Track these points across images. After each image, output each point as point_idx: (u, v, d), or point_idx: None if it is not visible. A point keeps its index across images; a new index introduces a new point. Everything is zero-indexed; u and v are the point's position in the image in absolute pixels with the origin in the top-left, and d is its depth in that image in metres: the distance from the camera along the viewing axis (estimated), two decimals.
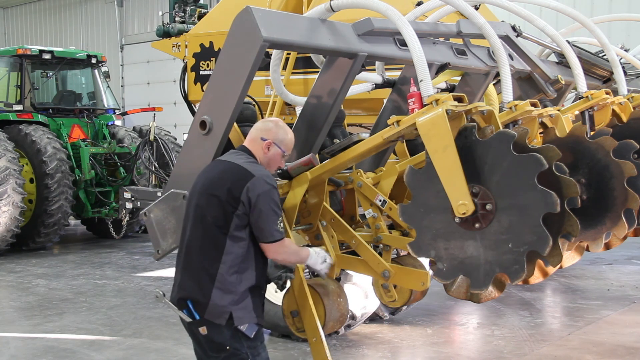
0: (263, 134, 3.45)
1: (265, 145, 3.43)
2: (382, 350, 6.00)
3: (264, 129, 3.47)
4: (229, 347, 3.31)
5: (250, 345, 3.33)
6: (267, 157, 3.45)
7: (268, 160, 3.46)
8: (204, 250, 3.30)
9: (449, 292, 3.69)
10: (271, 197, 3.26)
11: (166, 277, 9.21)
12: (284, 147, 3.47)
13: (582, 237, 4.06)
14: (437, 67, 4.33)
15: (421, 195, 3.26)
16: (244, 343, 3.31)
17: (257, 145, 3.45)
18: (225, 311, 3.25)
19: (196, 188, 3.39)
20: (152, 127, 10.77)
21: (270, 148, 3.44)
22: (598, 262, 9.84)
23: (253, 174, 3.26)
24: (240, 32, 3.41)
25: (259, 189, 3.23)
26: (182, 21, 10.72)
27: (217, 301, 3.25)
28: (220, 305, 3.25)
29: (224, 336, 3.30)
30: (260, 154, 3.44)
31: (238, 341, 3.31)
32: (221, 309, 3.25)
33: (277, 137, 3.45)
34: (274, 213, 3.26)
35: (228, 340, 3.31)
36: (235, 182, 3.25)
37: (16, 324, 7.08)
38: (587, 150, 4.08)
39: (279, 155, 3.47)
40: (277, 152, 3.46)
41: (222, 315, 3.26)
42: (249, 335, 3.30)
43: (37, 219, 10.92)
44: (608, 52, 5.59)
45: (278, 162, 3.50)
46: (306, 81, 7.99)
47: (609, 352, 5.92)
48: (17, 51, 11.91)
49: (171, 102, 18.16)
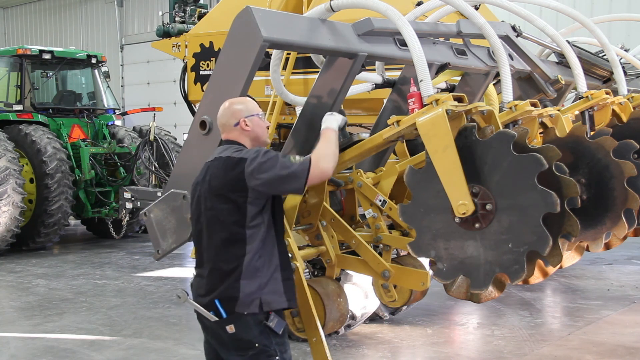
0: (230, 119, 3.34)
1: (241, 126, 3.33)
2: (382, 350, 6.00)
3: (227, 114, 3.35)
4: (258, 344, 3.24)
5: (279, 342, 3.28)
6: (252, 132, 3.35)
7: (255, 134, 3.35)
8: (226, 250, 3.24)
9: (449, 292, 3.69)
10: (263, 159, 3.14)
11: (166, 277, 9.21)
12: (255, 110, 3.37)
13: (582, 237, 4.06)
14: (437, 67, 4.33)
15: (421, 195, 3.26)
16: (273, 340, 3.25)
17: (236, 133, 3.35)
18: (255, 298, 3.19)
19: (199, 193, 3.32)
20: (152, 127, 10.77)
21: (247, 123, 3.33)
22: (598, 262, 9.84)
23: (244, 157, 3.19)
24: (240, 32, 3.41)
25: (253, 164, 3.15)
26: (182, 21, 10.73)
27: (246, 291, 3.19)
28: (249, 293, 3.19)
29: (252, 333, 3.23)
30: (244, 136, 3.34)
31: (267, 338, 3.24)
32: (251, 297, 3.19)
33: (241, 112, 3.34)
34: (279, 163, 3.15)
35: (257, 337, 3.23)
36: (234, 174, 3.19)
37: (16, 324, 7.08)
38: (587, 150, 4.08)
39: (257, 120, 3.36)
40: (254, 120, 3.34)
41: (252, 303, 3.19)
42: (278, 332, 3.26)
43: (37, 219, 10.92)
44: (608, 52, 5.59)
45: (263, 127, 3.39)
46: (306, 81, 7.99)
47: (609, 352, 5.92)
48: (17, 51, 11.92)
49: (171, 102, 18.17)
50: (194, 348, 6.07)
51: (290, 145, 4.28)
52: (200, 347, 6.20)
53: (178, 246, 3.87)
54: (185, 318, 6.98)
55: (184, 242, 3.84)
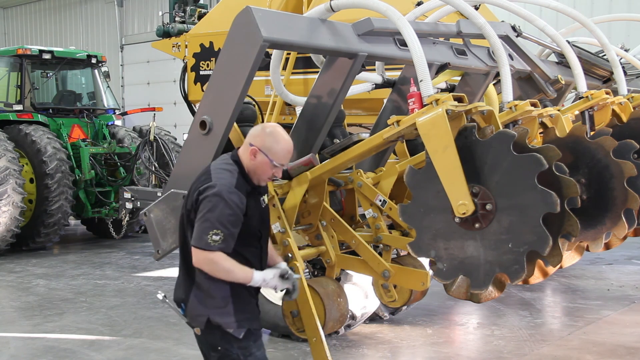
0: (251, 139, 3.28)
1: (251, 152, 3.24)
2: (382, 350, 6.00)
3: (253, 133, 3.30)
4: (220, 348, 3.33)
5: (241, 346, 3.31)
6: (253, 165, 3.25)
7: (254, 168, 3.25)
8: (185, 255, 3.33)
9: (449, 292, 3.69)
10: (213, 205, 3.09)
11: (166, 277, 9.21)
12: (272, 155, 3.22)
13: (582, 237, 4.06)
14: (437, 67, 4.33)
15: (421, 195, 3.26)
16: (234, 344, 3.31)
17: (245, 150, 3.28)
18: (202, 315, 3.27)
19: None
20: (152, 127, 10.76)
21: (256, 155, 3.23)
22: (598, 262, 9.84)
23: (212, 179, 3.16)
24: (240, 32, 3.41)
25: (206, 193, 3.12)
26: (182, 21, 10.72)
27: (194, 305, 3.29)
28: (197, 310, 3.29)
29: (214, 337, 3.32)
30: (247, 159, 3.27)
31: (228, 342, 3.30)
32: (198, 313, 3.29)
33: (264, 145, 3.22)
34: (206, 221, 3.09)
35: (218, 341, 3.32)
36: (196, 185, 3.22)
37: (16, 324, 7.08)
38: (587, 150, 4.08)
39: (267, 164, 3.23)
40: (264, 161, 3.22)
41: (198, 319, 3.30)
42: (237, 337, 3.30)
43: (37, 219, 10.92)
44: (608, 52, 5.59)
45: (267, 171, 3.26)
46: (306, 81, 7.99)
47: (609, 352, 5.92)
48: (17, 51, 11.91)
49: (171, 102, 18.17)
50: (194, 348, 6.02)
51: None
52: None
53: (178, 246, 3.87)
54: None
55: None
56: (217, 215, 3.09)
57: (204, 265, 3.16)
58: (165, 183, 5.79)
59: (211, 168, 3.26)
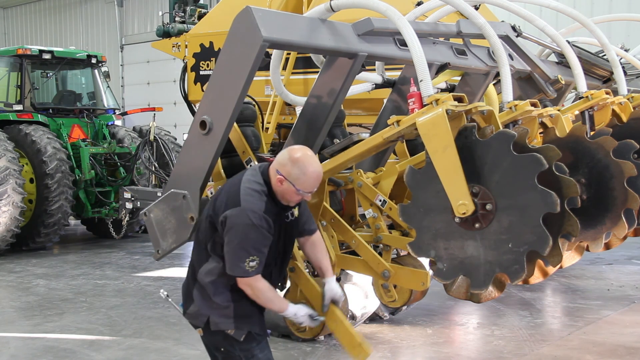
0: (278, 166, 3.26)
1: (278, 180, 3.24)
2: (382, 350, 6.00)
3: (281, 161, 3.25)
4: (223, 349, 3.39)
5: (243, 348, 3.35)
6: (280, 191, 3.26)
7: (282, 193, 3.27)
8: (194, 258, 3.42)
9: (449, 292, 3.69)
10: (245, 234, 3.13)
11: (166, 277, 9.21)
12: (299, 185, 3.21)
13: (582, 237, 4.06)
14: (437, 67, 4.33)
15: (421, 195, 3.26)
16: (236, 346, 3.35)
17: (273, 175, 3.28)
18: (203, 315, 3.33)
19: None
20: (152, 127, 10.77)
21: (283, 183, 3.24)
22: (598, 262, 9.84)
23: (241, 203, 3.17)
24: (240, 32, 3.41)
25: (235, 221, 3.14)
26: (182, 21, 10.74)
27: (197, 305, 3.35)
28: (199, 309, 3.35)
29: (217, 337, 3.37)
30: (274, 184, 3.28)
31: (230, 344, 3.35)
32: (199, 313, 3.35)
33: (291, 175, 3.21)
34: (241, 249, 3.14)
35: (221, 342, 3.37)
36: (222, 204, 3.23)
37: (16, 324, 7.08)
38: (587, 150, 4.08)
39: (293, 192, 3.23)
40: (290, 189, 3.23)
41: (199, 318, 3.35)
42: (238, 339, 3.33)
43: (37, 219, 10.92)
44: (608, 52, 5.59)
45: (293, 197, 3.27)
46: (306, 81, 8.00)
47: (609, 352, 5.92)
48: (17, 51, 11.91)
49: (171, 102, 18.18)
50: (194, 348, 6.06)
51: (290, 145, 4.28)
52: (200, 347, 6.21)
53: (178, 246, 3.88)
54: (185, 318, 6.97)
55: (184, 242, 3.84)
56: (252, 242, 3.15)
57: (246, 288, 3.25)
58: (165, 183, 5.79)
59: (242, 188, 3.22)
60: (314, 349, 5.89)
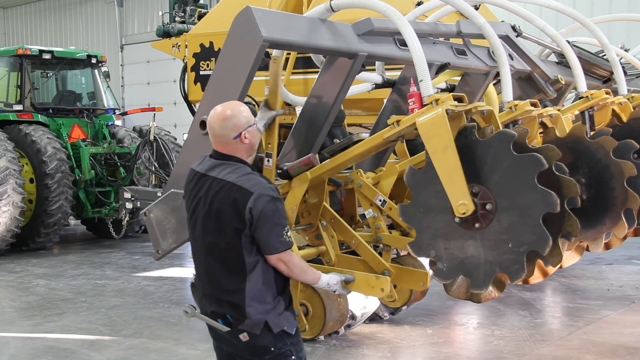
0: (230, 132, 3.18)
1: (241, 139, 3.18)
2: (382, 350, 5.99)
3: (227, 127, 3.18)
4: (274, 349, 3.26)
5: (293, 342, 3.29)
6: (250, 144, 3.22)
7: (252, 145, 3.24)
8: (228, 274, 3.23)
9: (449, 292, 3.69)
10: (274, 211, 3.11)
11: (166, 277, 9.21)
12: (252, 121, 3.22)
13: (582, 237, 4.06)
14: (437, 67, 4.34)
15: (421, 195, 3.27)
16: (287, 340, 3.27)
17: (234, 146, 3.21)
18: (261, 321, 3.21)
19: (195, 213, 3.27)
20: (152, 127, 10.77)
21: (246, 135, 3.19)
22: (598, 262, 9.84)
23: (251, 190, 3.12)
24: (240, 32, 3.41)
25: (261, 205, 3.10)
26: (182, 21, 10.73)
27: (251, 315, 3.20)
28: (255, 318, 3.20)
29: (267, 339, 3.24)
30: (242, 150, 3.22)
31: (281, 340, 3.26)
32: (256, 321, 3.21)
33: (242, 124, 3.18)
34: (277, 225, 3.13)
35: (272, 342, 3.25)
36: (236, 203, 3.13)
37: (16, 324, 7.08)
38: (587, 150, 4.09)
39: (254, 131, 3.23)
40: (252, 132, 3.21)
41: (257, 325, 3.21)
42: (291, 332, 3.27)
43: (37, 219, 10.91)
44: (608, 52, 5.59)
45: (258, 136, 3.29)
46: (306, 81, 7.99)
47: (609, 352, 5.92)
48: (17, 51, 11.91)
49: (171, 102, 18.18)
50: (194, 348, 6.06)
51: (290, 145, 4.28)
52: (200, 347, 6.21)
53: (178, 246, 3.88)
54: (185, 318, 6.96)
55: (184, 242, 3.84)
56: (279, 215, 3.14)
57: (280, 265, 3.19)
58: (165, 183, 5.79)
59: (234, 181, 3.15)
60: (314, 349, 5.88)
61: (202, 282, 3.35)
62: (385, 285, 3.55)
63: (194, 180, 3.29)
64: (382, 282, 3.55)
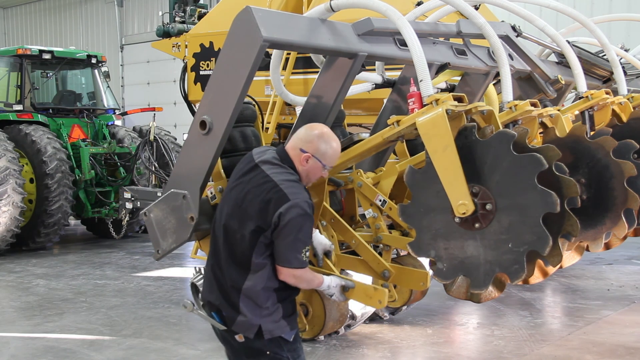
0: (302, 144, 3.28)
1: (303, 158, 3.26)
2: (382, 350, 6.00)
3: (304, 139, 3.28)
4: (269, 352, 3.25)
5: (291, 348, 3.27)
6: (305, 169, 3.28)
7: (307, 172, 3.30)
8: (232, 266, 3.24)
9: (449, 292, 3.69)
10: (301, 226, 3.12)
11: (166, 277, 9.21)
12: (324, 160, 3.28)
13: (582, 237, 4.06)
14: (437, 67, 4.33)
15: (421, 195, 3.26)
16: (284, 347, 3.26)
17: (296, 155, 3.29)
18: (254, 324, 3.20)
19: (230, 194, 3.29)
20: (152, 127, 10.77)
21: (308, 161, 3.26)
22: (598, 262, 9.84)
23: (289, 197, 3.12)
24: (240, 32, 3.41)
25: (291, 215, 3.09)
26: (182, 21, 10.75)
27: (246, 315, 3.20)
28: (249, 319, 3.20)
29: (262, 341, 3.23)
30: (298, 164, 3.29)
31: (278, 345, 3.25)
32: (249, 323, 3.20)
33: (318, 151, 3.26)
34: (299, 241, 3.14)
35: (267, 345, 3.24)
36: (269, 203, 3.13)
37: (16, 324, 7.08)
38: (587, 150, 4.08)
39: (319, 168, 3.29)
40: (316, 165, 3.27)
41: (250, 329, 3.21)
42: (289, 339, 3.26)
43: (37, 219, 10.92)
44: (608, 52, 5.59)
45: (318, 174, 3.33)
46: (306, 81, 8.00)
47: (609, 352, 5.92)
48: (17, 51, 11.92)
49: (171, 102, 18.20)
50: (194, 348, 6.07)
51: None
52: (200, 347, 6.22)
53: (178, 246, 3.87)
54: (185, 318, 6.98)
55: (184, 242, 3.83)
56: (305, 233, 3.16)
57: (290, 278, 3.21)
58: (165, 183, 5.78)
59: (278, 182, 3.18)
60: (314, 349, 5.89)
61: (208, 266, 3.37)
62: (382, 297, 3.54)
63: (248, 165, 3.34)
64: (379, 294, 3.55)
